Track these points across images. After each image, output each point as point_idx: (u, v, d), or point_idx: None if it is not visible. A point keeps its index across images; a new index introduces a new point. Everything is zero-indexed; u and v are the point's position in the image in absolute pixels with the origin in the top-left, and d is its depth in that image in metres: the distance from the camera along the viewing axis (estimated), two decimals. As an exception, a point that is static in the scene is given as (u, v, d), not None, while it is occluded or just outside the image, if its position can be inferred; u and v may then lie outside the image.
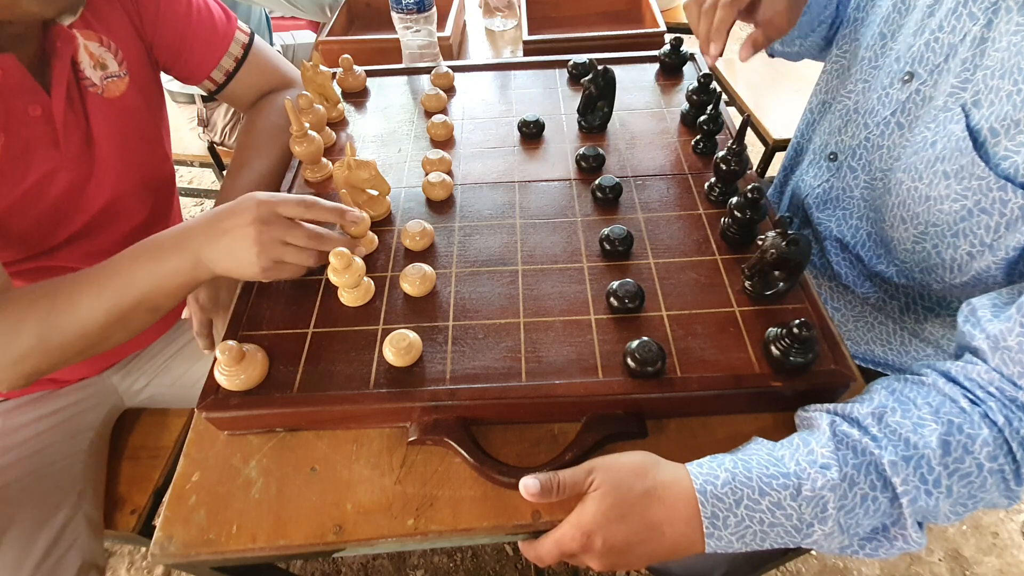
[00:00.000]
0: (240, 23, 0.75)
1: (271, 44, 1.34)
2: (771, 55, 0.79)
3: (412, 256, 0.60)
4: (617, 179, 0.63)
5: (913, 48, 0.56)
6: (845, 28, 0.66)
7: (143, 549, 1.11)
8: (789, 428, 0.49)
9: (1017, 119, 0.46)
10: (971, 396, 0.43)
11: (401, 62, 0.95)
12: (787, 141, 0.83)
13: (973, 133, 0.50)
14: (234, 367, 0.48)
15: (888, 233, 0.60)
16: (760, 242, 0.50)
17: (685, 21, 0.82)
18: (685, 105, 0.74)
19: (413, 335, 0.50)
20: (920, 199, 0.55)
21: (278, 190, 0.68)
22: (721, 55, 0.63)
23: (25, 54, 0.57)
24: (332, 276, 0.53)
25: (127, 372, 0.81)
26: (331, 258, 0.52)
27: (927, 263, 0.57)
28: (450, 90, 0.82)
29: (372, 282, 0.56)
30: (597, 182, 0.64)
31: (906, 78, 0.56)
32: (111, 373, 0.80)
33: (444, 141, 0.74)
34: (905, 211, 0.57)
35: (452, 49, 1.01)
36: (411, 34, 0.91)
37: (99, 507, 0.74)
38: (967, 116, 0.50)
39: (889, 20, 0.60)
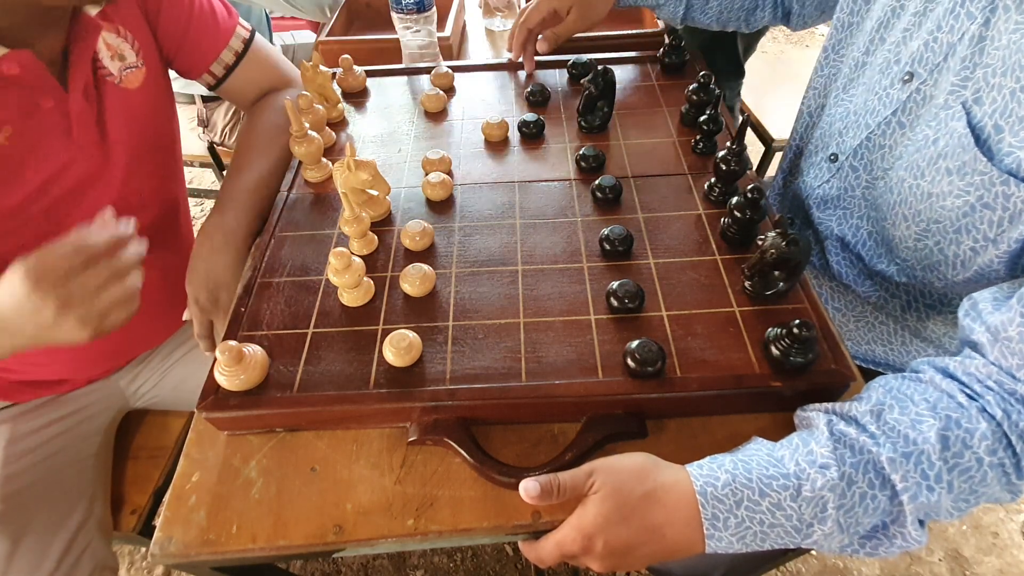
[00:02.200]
0: (241, 20, 0.75)
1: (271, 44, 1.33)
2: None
3: (412, 256, 0.60)
4: (617, 179, 0.63)
5: (912, 49, 0.56)
6: (840, 34, 0.67)
7: (143, 549, 1.11)
8: (789, 428, 0.48)
9: (1022, 115, 0.47)
10: (968, 391, 0.43)
11: (401, 62, 0.95)
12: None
13: (975, 130, 0.50)
14: (234, 367, 0.48)
15: (889, 231, 0.60)
16: (760, 242, 0.50)
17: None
18: (685, 105, 0.74)
19: (413, 335, 0.50)
20: (922, 196, 0.55)
21: (278, 190, 0.68)
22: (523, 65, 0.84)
23: (47, 47, 0.56)
24: (332, 276, 0.53)
25: (135, 375, 0.81)
26: (331, 258, 0.52)
27: (929, 260, 0.57)
28: (450, 90, 0.82)
29: (372, 282, 0.56)
30: (597, 182, 0.64)
31: (906, 78, 0.57)
32: (120, 376, 0.80)
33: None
34: (907, 209, 0.57)
35: (452, 49, 1.01)
36: (411, 34, 0.91)
37: (107, 509, 0.74)
38: (968, 113, 0.50)
39: (886, 24, 0.61)
